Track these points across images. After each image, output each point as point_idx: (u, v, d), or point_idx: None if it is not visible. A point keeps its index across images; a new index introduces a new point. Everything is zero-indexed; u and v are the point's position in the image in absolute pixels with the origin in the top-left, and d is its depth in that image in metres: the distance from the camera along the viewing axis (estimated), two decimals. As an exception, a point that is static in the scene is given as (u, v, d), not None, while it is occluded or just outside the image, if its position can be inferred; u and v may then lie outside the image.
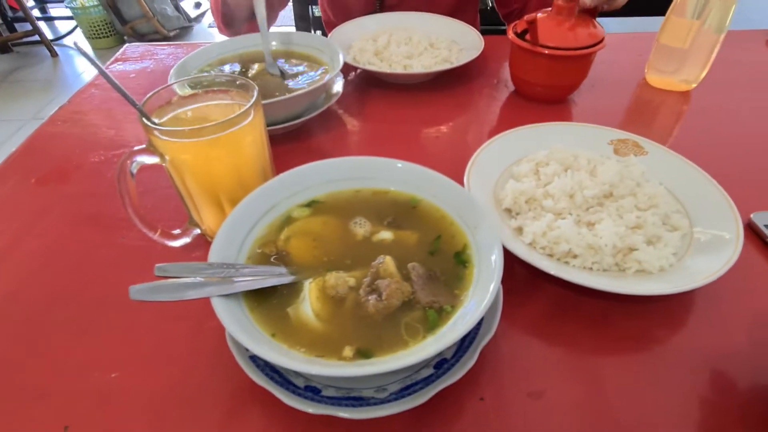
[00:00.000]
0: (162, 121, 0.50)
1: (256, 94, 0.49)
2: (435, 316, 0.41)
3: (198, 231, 0.56)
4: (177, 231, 0.55)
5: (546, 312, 0.52)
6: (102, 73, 0.44)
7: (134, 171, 0.48)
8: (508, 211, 0.60)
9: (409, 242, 0.49)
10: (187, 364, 0.46)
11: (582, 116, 0.87)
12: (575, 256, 0.53)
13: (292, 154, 0.75)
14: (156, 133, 0.46)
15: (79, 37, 3.84)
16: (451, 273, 0.46)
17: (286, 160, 0.73)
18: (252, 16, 0.99)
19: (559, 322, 0.50)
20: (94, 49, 3.81)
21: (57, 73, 3.58)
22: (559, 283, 0.52)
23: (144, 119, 0.46)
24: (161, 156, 0.48)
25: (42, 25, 3.83)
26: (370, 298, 0.42)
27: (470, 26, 1.00)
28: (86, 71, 3.60)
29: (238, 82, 0.53)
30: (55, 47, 3.72)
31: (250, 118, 0.49)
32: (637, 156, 0.67)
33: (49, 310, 0.51)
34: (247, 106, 0.48)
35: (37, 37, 3.55)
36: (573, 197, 0.58)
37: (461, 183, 0.60)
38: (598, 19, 0.86)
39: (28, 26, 3.51)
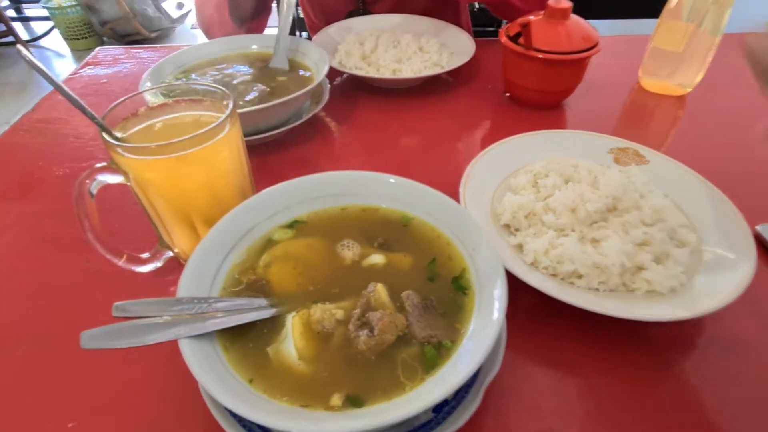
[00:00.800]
0: (126, 135, 0.45)
1: (231, 104, 0.45)
2: (433, 353, 0.37)
3: (170, 254, 0.52)
4: (146, 255, 0.50)
5: (551, 337, 0.48)
6: (55, 85, 0.39)
7: (94, 192, 0.43)
8: (507, 226, 0.57)
9: (402, 266, 0.45)
10: (155, 410, 0.41)
11: (577, 121, 0.84)
12: (580, 276, 0.50)
13: (273, 165, 0.71)
14: (118, 150, 0.41)
15: (56, 38, 3.72)
16: (449, 301, 0.41)
17: (266, 171, 0.68)
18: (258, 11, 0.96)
19: (566, 348, 0.47)
20: (72, 50, 3.70)
21: (32, 75, 3.45)
22: (564, 303, 0.49)
23: (104, 134, 0.41)
24: (125, 174, 0.43)
25: (17, 25, 3.70)
26: (360, 333, 0.38)
27: (461, 29, 0.96)
28: (64, 72, 3.48)
29: (212, 90, 0.49)
30: (31, 48, 3.60)
31: (225, 132, 0.44)
32: (638, 165, 0.64)
33: None
34: (222, 118, 0.43)
35: (11, 38, 3.42)
36: (575, 211, 0.54)
37: (455, 196, 0.56)
38: (591, 22, 0.83)
39: (2, 27, 3.38)
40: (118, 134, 0.43)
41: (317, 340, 0.38)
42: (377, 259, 0.45)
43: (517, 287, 0.51)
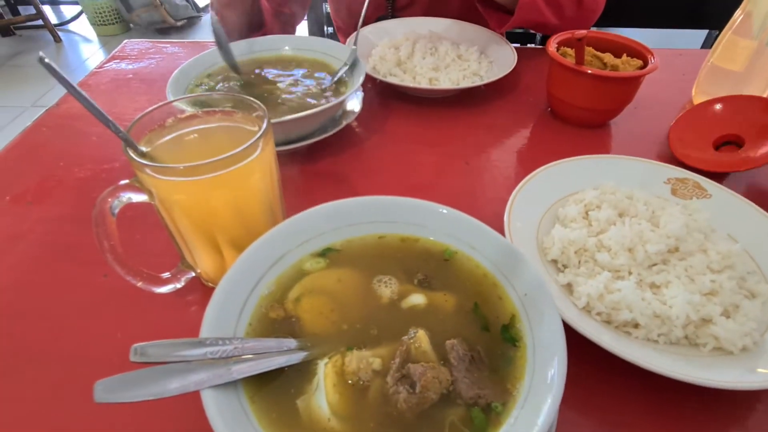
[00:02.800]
0: (152, 148, 0.41)
1: (266, 122, 0.41)
2: (482, 418, 0.33)
3: (192, 274, 0.48)
4: (166, 274, 0.47)
5: (607, 391, 0.43)
6: (78, 95, 0.35)
7: (116, 211, 0.39)
8: (554, 261, 0.52)
9: (445, 308, 0.41)
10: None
11: (623, 142, 0.78)
12: (637, 326, 0.45)
13: (300, 177, 0.67)
14: (144, 169, 0.37)
15: (84, 23, 3.75)
16: (497, 354, 0.37)
17: (292, 184, 0.65)
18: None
19: (624, 406, 0.42)
20: (99, 36, 3.72)
21: (60, 59, 3.48)
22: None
23: (129, 151, 0.38)
24: (149, 193, 0.40)
25: (46, 9, 3.73)
26: (400, 388, 0.34)
27: (501, 37, 0.91)
28: (91, 58, 3.50)
29: (245, 102, 0.45)
30: (59, 32, 3.63)
31: (258, 152, 0.40)
32: (699, 199, 0.58)
33: (5, 374, 0.43)
34: (256, 138, 0.39)
35: (40, 21, 3.46)
36: (632, 251, 0.49)
37: (496, 221, 0.52)
38: (623, 31, 0.77)
39: (31, 9, 3.42)
40: (143, 148, 0.40)
41: (351, 393, 0.34)
42: (418, 299, 0.40)
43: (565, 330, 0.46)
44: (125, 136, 0.38)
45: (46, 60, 0.32)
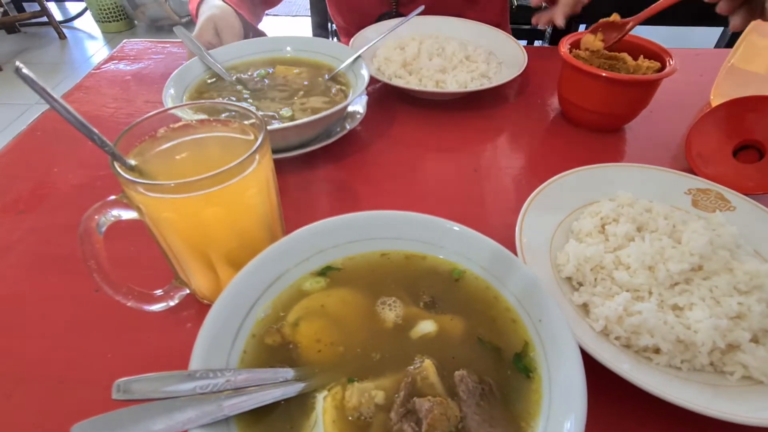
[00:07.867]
0: (142, 161, 0.39)
1: (263, 133, 0.38)
2: (493, 461, 0.30)
3: (186, 291, 0.46)
4: (159, 291, 0.44)
5: (625, 425, 0.40)
6: (59, 107, 0.33)
7: (103, 229, 0.37)
8: (568, 279, 0.49)
9: (453, 333, 0.38)
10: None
11: (639, 148, 0.75)
12: (658, 351, 0.42)
13: (301, 185, 0.64)
14: (134, 187, 0.35)
15: (89, 20, 3.74)
16: (510, 386, 0.35)
17: (292, 193, 0.62)
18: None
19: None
20: (104, 33, 3.71)
21: (64, 56, 3.47)
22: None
23: (116, 165, 0.35)
24: (139, 210, 0.37)
25: (51, 5, 3.72)
26: (404, 426, 0.31)
27: (511, 36, 0.88)
28: (95, 55, 3.50)
29: (241, 112, 0.42)
30: (63, 29, 3.62)
31: (254, 165, 0.38)
32: (722, 212, 0.55)
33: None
34: (251, 151, 0.37)
35: (45, 18, 3.45)
36: (653, 270, 0.46)
37: (504, 232, 0.49)
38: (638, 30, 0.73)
39: (36, 6, 3.41)
40: (132, 162, 0.37)
41: (352, 431, 0.32)
42: (425, 327, 0.38)
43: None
44: (111, 150, 0.35)
45: (23, 70, 0.30)
